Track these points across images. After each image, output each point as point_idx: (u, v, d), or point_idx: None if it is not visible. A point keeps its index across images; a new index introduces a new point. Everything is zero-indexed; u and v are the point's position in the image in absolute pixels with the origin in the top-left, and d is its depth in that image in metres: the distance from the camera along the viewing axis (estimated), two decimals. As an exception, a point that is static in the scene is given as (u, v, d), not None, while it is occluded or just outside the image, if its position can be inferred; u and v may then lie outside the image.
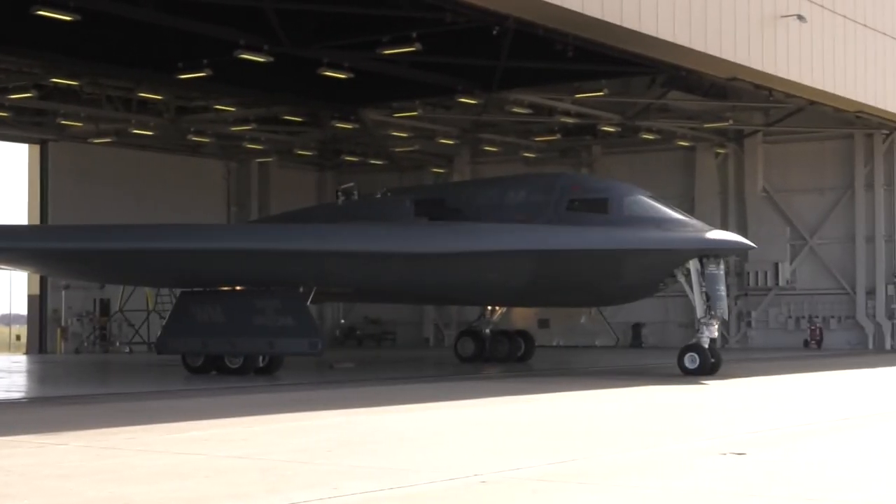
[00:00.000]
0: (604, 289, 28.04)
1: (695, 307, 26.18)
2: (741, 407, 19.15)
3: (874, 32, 37.37)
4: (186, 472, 11.15)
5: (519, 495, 9.98)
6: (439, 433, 15.04)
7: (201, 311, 26.89)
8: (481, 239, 26.96)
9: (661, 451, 12.88)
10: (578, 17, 26.52)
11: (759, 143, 45.40)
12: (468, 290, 28.97)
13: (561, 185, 28.45)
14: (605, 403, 19.88)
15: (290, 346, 26.06)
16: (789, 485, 10.53)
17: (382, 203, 30.19)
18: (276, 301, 26.09)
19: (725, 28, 30.51)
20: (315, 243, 26.67)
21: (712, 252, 26.26)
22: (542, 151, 48.33)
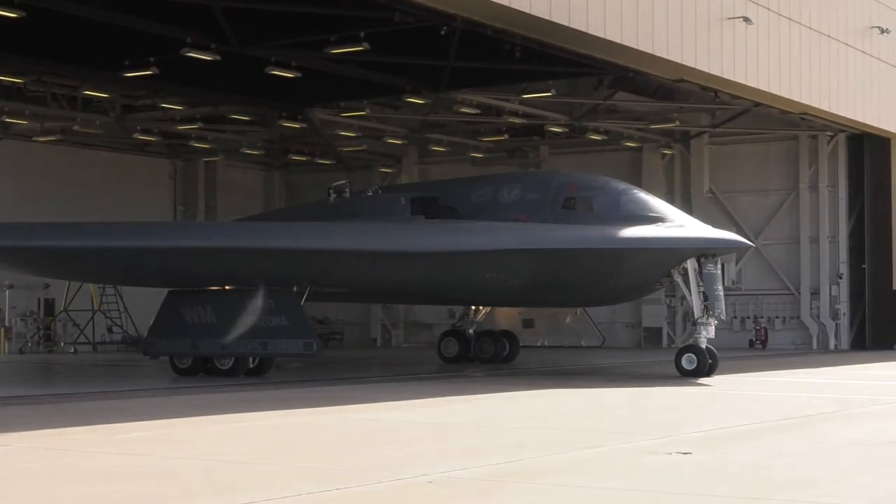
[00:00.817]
0: (602, 288, 27.63)
1: (692, 307, 25.88)
2: (688, 406, 19.26)
3: (819, 35, 37.66)
4: (132, 474, 11.09)
5: (465, 495, 9.99)
6: (387, 433, 15.03)
7: (190, 312, 26.27)
8: (482, 237, 26.62)
9: (609, 450, 12.94)
10: (526, 17, 26.57)
11: (705, 145, 45.64)
12: (466, 290, 28.51)
13: (557, 184, 28.15)
14: (556, 403, 19.94)
15: (284, 347, 25.52)
16: (733, 484, 10.61)
17: (378, 201, 29.64)
18: (269, 301, 25.50)
19: (672, 30, 30.66)
20: (312, 241, 26.19)
21: (714, 251, 26.06)
22: (490, 152, 48.38)
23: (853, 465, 11.87)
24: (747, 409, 18.58)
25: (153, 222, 39.71)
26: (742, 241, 28.03)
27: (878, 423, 16.57)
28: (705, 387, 23.63)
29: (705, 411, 18.32)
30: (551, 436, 14.60)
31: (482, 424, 16.15)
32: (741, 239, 28.25)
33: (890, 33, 41.76)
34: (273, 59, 32.93)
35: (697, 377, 25.02)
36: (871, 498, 9.92)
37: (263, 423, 16.29)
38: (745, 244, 28.21)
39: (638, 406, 19.35)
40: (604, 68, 33.27)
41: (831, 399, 20.50)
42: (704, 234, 26.79)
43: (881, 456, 12.56)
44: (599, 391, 22.58)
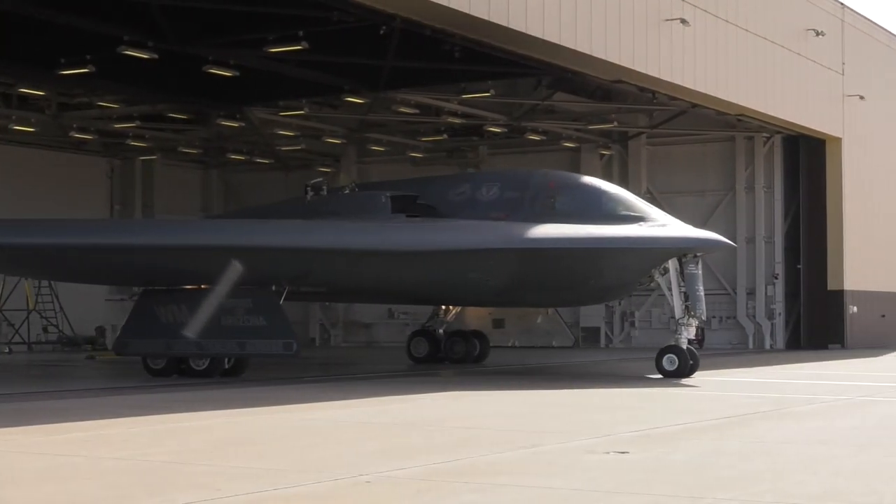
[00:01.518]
0: (583, 288, 27.25)
1: (672, 307, 25.56)
2: (627, 406, 19.34)
3: (755, 37, 37.99)
4: (66, 475, 10.99)
5: (403, 495, 9.98)
6: (325, 433, 14.99)
7: (164, 311, 25.67)
8: (468, 236, 26.19)
9: (546, 450, 12.96)
10: (465, 17, 26.62)
11: (643, 145, 45.88)
12: (448, 289, 27.98)
13: (536, 182, 27.79)
14: (497, 403, 19.95)
15: (263, 347, 25.01)
16: (670, 483, 10.65)
17: (357, 199, 29.05)
18: (247, 300, 24.96)
19: (610, 31, 30.81)
20: (294, 239, 25.71)
21: (695, 250, 25.78)
22: (429, 151, 48.40)
23: (790, 463, 11.97)
24: (685, 408, 18.68)
25: (126, 219, 39.35)
26: (724, 241, 27.54)
27: (814, 421, 16.72)
28: (645, 387, 23.75)
29: (644, 411, 18.39)
30: (490, 435, 14.61)
31: (422, 424, 16.14)
32: (723, 239, 27.72)
33: (825, 36, 42.20)
34: (211, 57, 32.78)
35: (679, 378, 24.73)
36: (807, 496, 10.00)
37: (201, 423, 16.19)
38: (727, 244, 27.73)
39: (577, 405, 19.40)
40: (542, 69, 33.37)
41: (768, 398, 20.66)
42: (687, 233, 26.48)
43: (817, 454, 12.67)
44: (541, 391, 22.63)
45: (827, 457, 12.48)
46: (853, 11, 45.72)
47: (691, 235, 26.58)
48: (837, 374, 28.08)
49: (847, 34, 44.82)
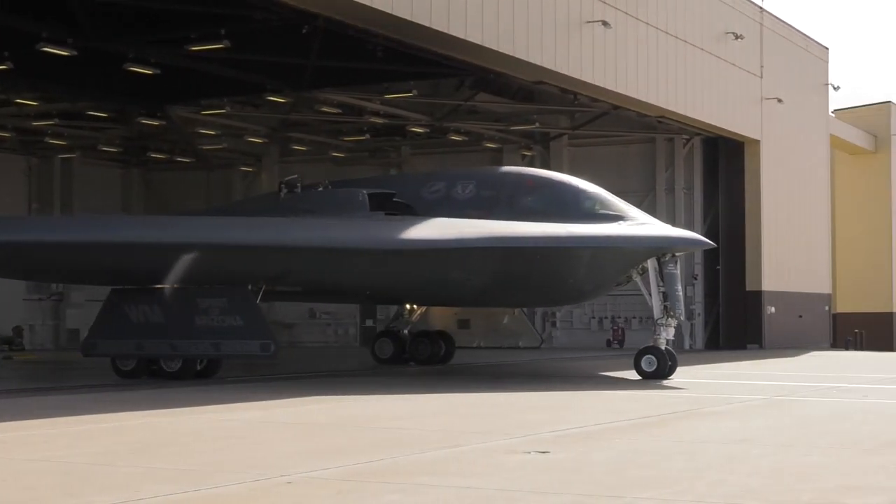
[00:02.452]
0: (563, 288, 26.80)
1: (651, 308, 25.26)
2: (547, 406, 19.42)
3: (676, 40, 38.33)
4: (-17, 476, 10.85)
5: (324, 495, 9.96)
6: (246, 434, 14.91)
7: (135, 311, 24.93)
8: (452, 234, 25.54)
9: (467, 450, 12.99)
10: (388, 17, 26.61)
11: (564, 146, 46.12)
12: (429, 289, 27.34)
13: (512, 180, 27.49)
14: (419, 403, 19.95)
15: (239, 348, 24.37)
16: (589, 483, 10.72)
17: (335, 196, 28.40)
18: (222, 300, 24.33)
19: (532, 32, 30.94)
20: (275, 237, 24.97)
21: (676, 249, 25.59)
22: (352, 151, 48.36)
23: (707, 462, 12.08)
24: (605, 408, 18.79)
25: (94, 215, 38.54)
26: (704, 240, 27.32)
27: (732, 421, 16.89)
28: (567, 387, 23.86)
29: (565, 411, 18.48)
30: (411, 436, 14.61)
31: (344, 424, 16.11)
32: (703, 238, 27.51)
33: (744, 39, 42.67)
34: (132, 55, 32.47)
35: (658, 379, 24.48)
36: (725, 495, 10.10)
37: (122, 424, 16.05)
38: (707, 243, 27.51)
39: (500, 405, 19.45)
40: (465, 69, 33.46)
41: (686, 398, 20.83)
42: (668, 232, 26.26)
43: (734, 453, 12.80)
44: (466, 391, 22.66)
45: (744, 456, 12.61)
46: (771, 15, 46.28)
47: (672, 235, 26.41)
48: (755, 374, 28.39)
49: (765, 37, 45.36)
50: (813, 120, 50.96)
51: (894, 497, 10.00)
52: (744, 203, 44.65)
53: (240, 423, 16.37)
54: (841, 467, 11.80)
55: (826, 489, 10.40)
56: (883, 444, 13.74)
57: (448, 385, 24.42)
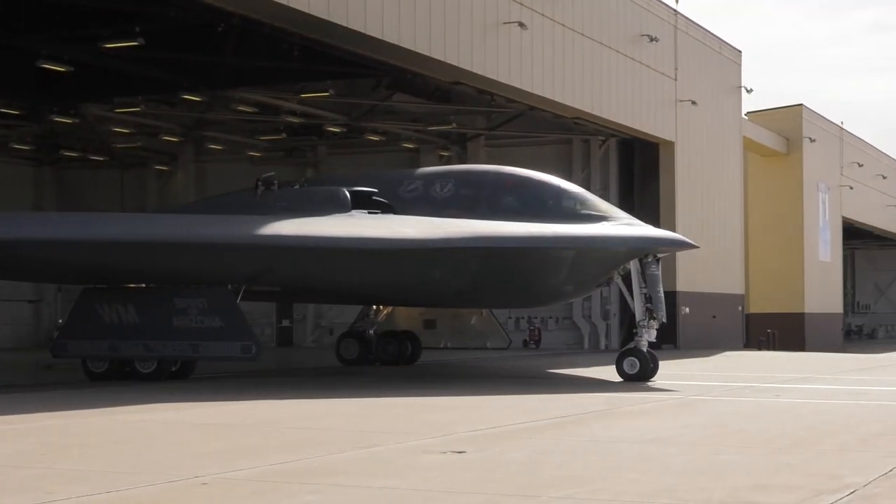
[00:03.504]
0: (544, 288, 26.44)
1: (633, 309, 24.93)
2: (464, 406, 19.45)
3: (591, 41, 38.57)
4: None
5: (239, 496, 9.91)
6: (161, 434, 14.79)
7: (109, 311, 24.23)
8: (438, 233, 24.98)
9: (383, 450, 12.98)
10: (304, 16, 26.51)
11: (481, 147, 46.22)
12: (409, 290, 26.72)
13: (492, 179, 27.01)
14: (337, 404, 19.89)
15: (219, 349, 23.81)
16: (505, 482, 10.76)
17: (315, 194, 27.70)
18: (201, 300, 23.70)
19: (449, 33, 30.98)
20: (259, 234, 24.20)
21: (659, 250, 25.37)
22: (268, 151, 48.13)
23: (622, 461, 12.17)
24: (521, 407, 18.86)
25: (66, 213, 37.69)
26: (687, 242, 26.88)
27: (646, 420, 17.02)
28: (483, 387, 23.90)
29: (481, 411, 18.52)
30: (327, 436, 14.58)
31: (260, 425, 16.03)
32: (686, 239, 27.12)
33: (659, 42, 43.04)
34: (44, 52, 32.03)
35: (640, 381, 24.27)
36: (639, 493, 10.18)
37: (34, 425, 15.86)
38: (690, 244, 27.05)
39: (417, 405, 19.46)
40: (382, 69, 33.42)
41: (602, 397, 20.96)
42: (652, 233, 25.94)
43: (648, 452, 12.90)
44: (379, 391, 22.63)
45: (658, 455, 12.72)
46: (685, 18, 46.71)
47: (655, 235, 26.13)
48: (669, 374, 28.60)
49: (680, 40, 45.78)
50: (726, 122, 51.53)
51: (805, 495, 10.13)
52: (658, 204, 44.99)
53: (154, 423, 16.23)
54: (753, 466, 11.93)
55: (738, 487, 10.52)
56: (794, 443, 13.92)
57: (378, 386, 24.36)
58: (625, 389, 23.34)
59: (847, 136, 72.99)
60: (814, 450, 13.31)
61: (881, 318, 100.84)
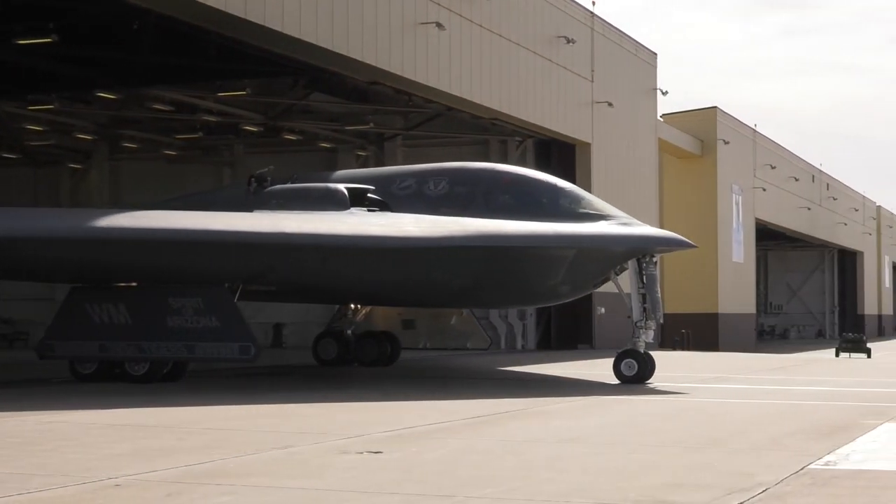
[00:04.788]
0: (544, 287, 26.04)
1: (630, 309, 24.62)
2: (384, 406, 19.44)
3: (509, 42, 38.69)
4: None
5: (153, 498, 9.84)
6: (73, 436, 14.62)
7: (99, 310, 23.46)
8: (442, 231, 24.43)
9: (300, 450, 12.95)
10: (221, 14, 26.32)
11: (398, 147, 46.20)
12: (410, 290, 26.11)
13: (488, 177, 26.62)
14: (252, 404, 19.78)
15: (217, 351, 23.12)
16: (422, 482, 10.77)
17: (313, 191, 27.10)
18: (196, 299, 23.00)
19: (367, 32, 30.93)
20: (262, 231, 23.53)
21: (663, 249, 25.21)
22: (184, 149, 47.78)
23: (539, 461, 12.23)
24: (439, 407, 18.89)
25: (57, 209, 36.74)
26: (685, 241, 26.22)
27: (563, 420, 17.12)
28: (403, 387, 23.90)
29: (398, 411, 18.53)
30: (243, 437, 14.51)
31: (174, 426, 15.90)
32: (684, 239, 26.65)
33: (576, 43, 43.27)
34: (-45, 48, 31.60)
35: (638, 383, 24.00)
36: (555, 493, 10.24)
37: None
38: (689, 244, 26.42)
39: (334, 405, 19.42)
40: (299, 68, 33.31)
41: (519, 397, 21.04)
42: (650, 232, 25.55)
43: (565, 452, 12.98)
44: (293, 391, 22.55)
45: (574, 455, 12.79)
46: (602, 20, 47.01)
47: (655, 235, 25.76)
48: (585, 374, 28.80)
49: (596, 42, 46.06)
50: (642, 124, 51.93)
51: (718, 494, 10.25)
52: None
53: (66, 424, 16.04)
54: (667, 465, 12.05)
55: (652, 487, 10.62)
56: (707, 443, 14.07)
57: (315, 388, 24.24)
58: (540, 389, 23.46)
59: (760, 139, 73.87)
60: (726, 449, 13.47)
61: (793, 319, 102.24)
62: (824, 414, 18.14)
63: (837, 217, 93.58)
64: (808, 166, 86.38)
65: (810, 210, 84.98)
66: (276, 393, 22.07)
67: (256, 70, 34.38)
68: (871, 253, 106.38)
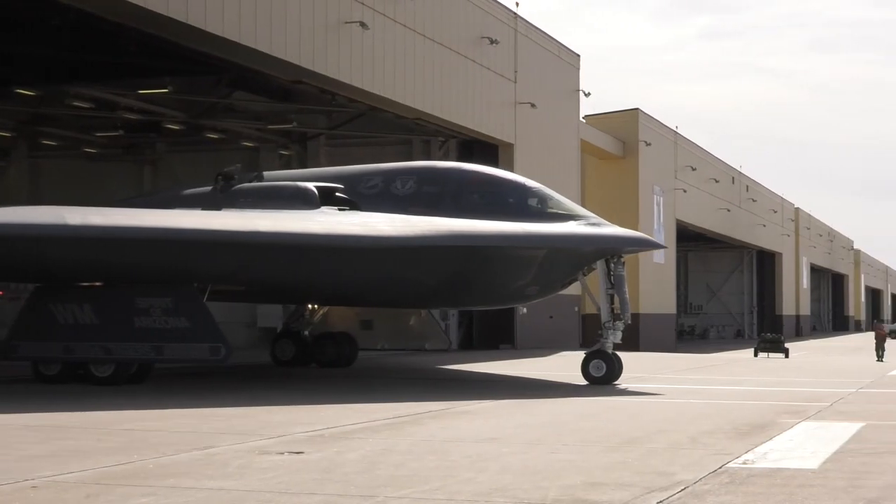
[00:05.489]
0: (513, 287, 25.82)
1: (599, 310, 24.54)
2: (303, 407, 19.38)
3: (433, 43, 38.72)
4: None
5: (71, 500, 9.75)
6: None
7: (63, 311, 22.89)
8: (417, 231, 24.26)
9: (220, 451, 12.89)
10: (143, 12, 26.11)
11: (322, 146, 46.06)
12: (383, 290, 25.82)
13: (455, 177, 26.47)
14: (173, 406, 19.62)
15: (186, 351, 22.67)
16: (343, 482, 10.77)
17: (283, 190, 26.75)
18: (166, 299, 22.46)
19: (290, 31, 30.82)
20: (239, 231, 23.03)
21: (629, 250, 25.13)
22: (105, 147, 47.34)
23: (459, 461, 12.26)
24: (360, 408, 18.87)
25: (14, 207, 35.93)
26: (654, 242, 25.82)
27: (484, 420, 17.17)
28: (319, 387, 23.83)
29: (321, 411, 18.48)
30: (163, 437, 14.40)
31: (93, 426, 15.75)
32: (653, 239, 26.25)
33: (499, 44, 43.39)
34: None
35: (607, 384, 23.99)
36: (475, 493, 10.27)
37: None
38: (658, 245, 26.25)
39: (253, 406, 19.32)
40: (222, 66, 33.12)
41: (441, 397, 21.06)
42: (619, 233, 25.31)
43: (486, 452, 13.02)
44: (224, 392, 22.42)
45: (495, 454, 12.84)
46: (525, 21, 47.17)
47: (624, 235, 25.56)
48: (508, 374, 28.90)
49: (520, 43, 46.21)
50: (565, 125, 52.18)
51: (637, 493, 10.33)
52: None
53: (-17, 425, 15.86)
54: (586, 464, 12.13)
55: (572, 486, 10.69)
56: (626, 442, 14.18)
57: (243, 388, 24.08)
58: (461, 390, 23.50)
59: (681, 141, 74.50)
60: (646, 448, 13.58)
61: (713, 319, 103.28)
62: (743, 413, 18.34)
63: (757, 218, 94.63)
64: (729, 168, 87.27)
65: (730, 211, 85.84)
66: (204, 393, 21.88)
67: (179, 68, 34.16)
68: (789, 254, 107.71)
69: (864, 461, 12.66)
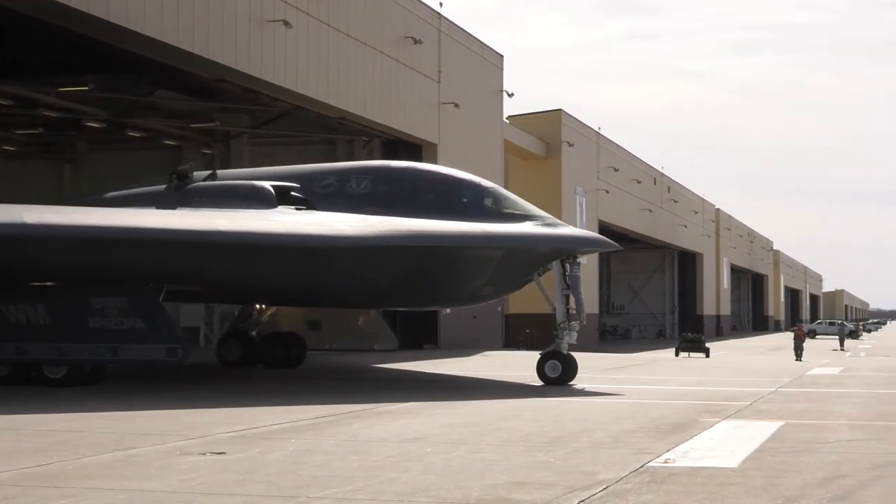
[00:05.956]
0: (469, 287, 25.78)
1: (555, 310, 24.65)
2: (226, 407, 19.27)
3: (357, 42, 38.67)
4: None
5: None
6: None
7: (16, 311, 22.42)
8: (377, 230, 24.08)
9: (141, 451, 12.79)
10: (63, 8, 25.86)
11: (245, 145, 45.89)
12: (339, 290, 25.60)
13: (412, 176, 26.41)
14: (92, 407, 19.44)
15: (142, 352, 22.24)
16: (265, 483, 10.73)
17: (238, 188, 26.50)
18: (121, 300, 22.03)
19: (213, 29, 30.65)
20: (195, 230, 22.64)
21: (584, 250, 25.07)
22: (24, 145, 46.79)
23: (382, 461, 12.25)
24: (282, 408, 18.79)
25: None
26: (609, 242, 26.21)
27: (407, 420, 17.16)
28: (251, 387, 23.71)
29: (244, 412, 18.38)
30: (83, 438, 14.26)
31: (14, 427, 15.57)
32: (608, 240, 26.40)
33: (423, 44, 43.42)
34: None
35: (562, 384, 23.99)
36: (398, 493, 10.27)
37: None
38: (613, 245, 26.40)
39: (175, 408, 19.19)
40: (144, 64, 32.85)
41: (364, 397, 21.04)
42: (574, 233, 25.42)
43: (409, 452, 13.03)
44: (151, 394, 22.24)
45: (418, 454, 12.85)
46: (449, 21, 47.23)
47: (579, 235, 25.64)
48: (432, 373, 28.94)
49: (443, 43, 46.28)
50: (488, 125, 52.31)
51: (560, 492, 10.39)
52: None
53: None
54: (509, 464, 12.17)
55: (495, 485, 10.72)
56: (550, 441, 14.25)
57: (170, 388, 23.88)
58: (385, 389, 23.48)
59: (604, 141, 74.95)
60: (569, 447, 13.65)
61: (635, 319, 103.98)
62: (664, 412, 18.49)
63: (678, 219, 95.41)
64: (650, 169, 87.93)
65: (652, 212, 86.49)
66: (136, 394, 21.68)
67: (100, 65, 33.84)
68: (710, 254, 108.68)
69: (783, 460, 12.81)
